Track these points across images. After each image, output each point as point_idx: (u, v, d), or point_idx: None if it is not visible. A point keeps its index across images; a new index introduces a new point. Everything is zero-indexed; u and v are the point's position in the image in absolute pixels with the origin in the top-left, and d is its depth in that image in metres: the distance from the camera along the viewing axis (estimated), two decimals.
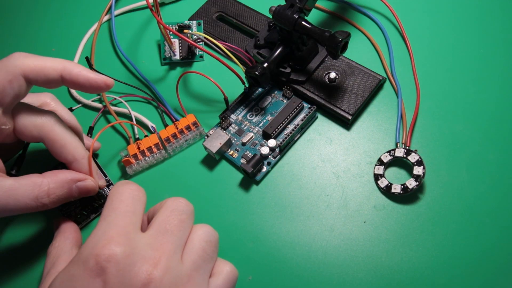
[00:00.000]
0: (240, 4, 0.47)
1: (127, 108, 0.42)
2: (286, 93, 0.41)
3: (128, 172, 0.39)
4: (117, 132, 0.42)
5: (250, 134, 0.40)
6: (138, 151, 0.39)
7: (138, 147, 0.39)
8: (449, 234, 0.35)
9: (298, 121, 0.40)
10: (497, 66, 0.41)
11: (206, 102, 0.43)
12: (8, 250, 0.38)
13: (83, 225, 0.38)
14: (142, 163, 0.39)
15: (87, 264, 0.25)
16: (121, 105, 0.43)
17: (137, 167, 0.39)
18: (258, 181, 0.38)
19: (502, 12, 0.44)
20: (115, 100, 0.43)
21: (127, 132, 0.41)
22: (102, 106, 0.43)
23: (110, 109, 0.42)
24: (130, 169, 0.39)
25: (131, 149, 0.39)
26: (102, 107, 0.43)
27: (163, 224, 0.27)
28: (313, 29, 0.37)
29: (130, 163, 0.39)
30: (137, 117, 0.42)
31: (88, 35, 0.48)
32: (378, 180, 0.37)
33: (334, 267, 0.34)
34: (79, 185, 0.33)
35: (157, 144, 0.39)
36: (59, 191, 0.32)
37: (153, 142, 0.39)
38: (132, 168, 0.39)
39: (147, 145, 0.39)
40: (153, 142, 0.39)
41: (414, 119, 0.39)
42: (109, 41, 0.48)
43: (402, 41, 0.43)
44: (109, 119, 0.43)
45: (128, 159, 0.38)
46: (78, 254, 0.26)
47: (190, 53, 0.45)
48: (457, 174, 0.37)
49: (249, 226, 0.37)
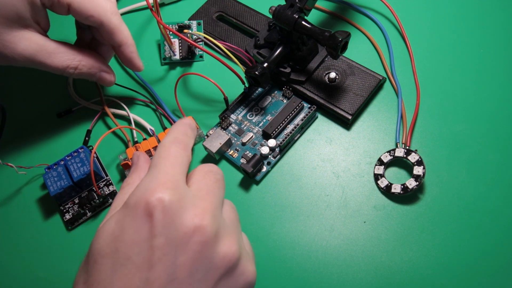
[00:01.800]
0: (240, 4, 0.47)
1: (126, 111, 0.42)
2: (286, 93, 0.41)
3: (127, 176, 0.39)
4: (116, 135, 0.42)
5: (250, 134, 0.40)
6: None
7: (137, 150, 0.39)
8: (449, 234, 0.35)
9: (298, 121, 0.40)
10: (497, 66, 0.41)
11: (206, 102, 0.43)
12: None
13: (80, 222, 0.38)
14: None
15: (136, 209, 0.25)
16: (119, 107, 0.43)
17: None
18: (258, 181, 0.38)
19: (502, 12, 0.44)
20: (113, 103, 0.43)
21: (125, 136, 0.41)
22: (101, 109, 0.43)
23: (108, 112, 0.42)
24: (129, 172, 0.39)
25: (129, 153, 0.39)
26: (100, 109, 0.43)
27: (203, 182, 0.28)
28: (313, 29, 0.37)
29: (129, 166, 0.39)
30: (136, 120, 0.42)
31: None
32: (378, 180, 0.37)
33: (334, 267, 0.34)
34: (102, 74, 0.39)
35: (156, 147, 0.39)
36: (85, 70, 0.38)
37: (152, 145, 0.39)
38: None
39: (146, 148, 0.39)
40: (152, 145, 0.39)
41: (414, 119, 0.39)
42: None
43: (402, 41, 0.43)
44: (107, 120, 0.43)
45: (126, 163, 0.38)
46: (128, 198, 0.26)
47: (190, 53, 0.45)
48: (457, 174, 0.37)
49: (249, 226, 0.37)
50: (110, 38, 0.38)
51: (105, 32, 0.37)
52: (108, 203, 0.39)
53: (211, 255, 0.25)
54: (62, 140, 0.43)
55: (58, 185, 0.37)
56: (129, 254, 0.24)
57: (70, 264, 0.37)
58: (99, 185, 0.39)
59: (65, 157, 0.38)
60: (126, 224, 0.25)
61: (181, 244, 0.25)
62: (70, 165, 0.38)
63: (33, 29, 0.35)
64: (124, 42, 0.38)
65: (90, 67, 0.38)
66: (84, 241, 0.38)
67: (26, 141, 0.43)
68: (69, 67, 0.37)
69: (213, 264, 0.25)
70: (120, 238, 0.25)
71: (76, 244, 0.38)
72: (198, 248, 0.25)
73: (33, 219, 0.39)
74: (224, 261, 0.26)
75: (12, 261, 0.38)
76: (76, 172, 0.37)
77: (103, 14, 0.36)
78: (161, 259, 0.24)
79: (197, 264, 0.25)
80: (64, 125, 0.43)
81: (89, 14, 0.36)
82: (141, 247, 0.24)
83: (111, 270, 0.24)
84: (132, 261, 0.24)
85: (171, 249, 0.24)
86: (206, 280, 0.25)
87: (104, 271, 0.24)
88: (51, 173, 0.38)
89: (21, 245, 0.38)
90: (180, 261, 0.24)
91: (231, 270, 0.26)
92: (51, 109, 0.44)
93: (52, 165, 0.38)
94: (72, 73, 0.37)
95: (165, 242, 0.24)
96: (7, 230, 0.39)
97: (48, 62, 0.36)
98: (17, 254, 0.38)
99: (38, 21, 0.35)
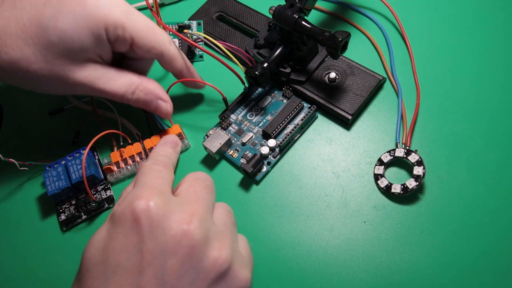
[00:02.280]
0: (240, 4, 0.47)
1: (115, 113, 0.41)
2: (286, 93, 0.41)
3: (109, 179, 0.39)
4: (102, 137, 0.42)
5: (250, 134, 0.40)
6: (120, 159, 0.39)
7: (121, 155, 0.39)
8: (449, 234, 0.35)
9: (298, 121, 0.40)
10: (497, 66, 0.41)
11: (206, 102, 0.43)
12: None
13: (74, 224, 0.38)
14: (124, 171, 0.39)
15: (123, 216, 0.26)
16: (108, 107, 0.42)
17: (119, 175, 0.39)
18: (258, 181, 0.38)
19: (502, 12, 0.44)
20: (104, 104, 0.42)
21: (112, 139, 0.40)
22: (91, 109, 0.42)
23: (98, 114, 0.41)
24: (112, 176, 0.39)
25: (113, 157, 0.39)
26: (90, 109, 0.42)
27: (191, 189, 0.29)
28: (313, 29, 0.37)
29: (111, 170, 0.39)
30: (124, 123, 0.41)
31: None
32: (378, 180, 0.37)
33: (334, 267, 0.34)
34: (159, 103, 0.38)
35: (140, 153, 0.39)
36: (143, 97, 0.36)
37: (136, 151, 0.39)
38: (114, 176, 0.39)
39: (130, 153, 0.39)
40: (136, 151, 0.39)
41: (414, 119, 0.39)
42: None
43: (402, 41, 0.43)
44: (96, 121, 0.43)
45: (109, 167, 0.38)
46: (113, 210, 0.27)
47: (190, 53, 0.45)
48: (457, 174, 0.37)
49: (249, 226, 0.37)
50: (171, 66, 0.38)
51: (165, 62, 0.37)
52: (103, 208, 0.39)
53: (201, 259, 0.25)
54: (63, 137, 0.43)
55: (56, 186, 0.37)
56: (119, 260, 0.25)
57: (63, 265, 0.37)
58: (97, 188, 0.39)
59: (66, 156, 0.38)
60: (114, 232, 0.26)
61: (169, 248, 0.25)
62: (70, 166, 0.37)
63: (96, 61, 0.34)
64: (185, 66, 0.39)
65: (147, 93, 0.37)
66: (76, 243, 0.38)
67: (25, 138, 0.43)
68: (127, 92, 0.36)
69: (203, 268, 0.25)
70: (109, 246, 0.25)
71: (69, 246, 0.38)
72: (187, 251, 0.25)
73: (31, 217, 0.39)
74: (214, 265, 0.26)
75: (7, 257, 0.38)
76: (75, 174, 0.37)
77: (163, 44, 0.36)
78: (150, 263, 0.25)
79: (186, 268, 0.25)
80: (64, 124, 0.43)
81: (151, 46, 0.35)
82: (130, 253, 0.25)
83: (103, 277, 0.25)
84: (123, 267, 0.25)
85: (160, 253, 0.25)
86: (196, 284, 0.25)
87: (96, 279, 0.25)
88: (51, 172, 0.37)
89: (16, 242, 0.38)
90: (169, 265, 0.25)
91: (222, 274, 0.26)
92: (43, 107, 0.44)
93: (53, 163, 0.38)
94: (130, 98, 0.36)
95: (153, 246, 0.25)
96: (5, 226, 0.39)
97: (107, 88, 0.35)
98: (12, 251, 0.38)
99: (101, 55, 0.34)
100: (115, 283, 0.24)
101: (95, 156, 0.40)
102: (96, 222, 0.38)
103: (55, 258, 0.37)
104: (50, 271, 0.37)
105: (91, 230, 0.38)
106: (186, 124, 0.42)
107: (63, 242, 0.38)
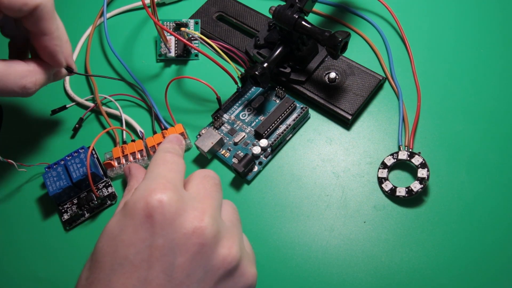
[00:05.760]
0: (240, 4, 0.47)
1: (119, 110, 0.42)
2: (279, 93, 0.41)
3: (109, 175, 0.39)
4: (108, 134, 0.42)
5: (242, 134, 0.40)
6: (121, 155, 0.39)
7: (122, 151, 0.39)
8: (449, 234, 0.35)
9: (290, 121, 0.40)
10: (497, 66, 0.41)
11: (199, 101, 0.43)
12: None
13: (78, 223, 0.38)
14: (124, 167, 0.39)
15: (135, 209, 0.25)
16: (112, 104, 0.43)
17: (119, 170, 0.39)
18: (249, 180, 0.38)
19: (502, 12, 0.44)
20: (106, 99, 0.43)
21: (115, 134, 0.41)
22: (93, 104, 0.42)
23: (102, 110, 0.41)
24: (112, 172, 0.39)
25: (115, 152, 0.39)
26: (92, 105, 0.42)
27: (201, 185, 0.29)
28: (313, 29, 0.37)
29: (111, 166, 0.39)
30: (127, 120, 0.42)
31: (84, 38, 0.48)
32: (382, 183, 0.37)
33: (334, 267, 0.34)
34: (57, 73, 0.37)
35: (142, 151, 0.39)
36: (42, 80, 0.34)
37: (138, 148, 0.39)
38: (114, 171, 0.39)
39: (132, 150, 0.39)
40: (138, 148, 0.39)
41: (416, 121, 0.39)
42: (106, 43, 0.48)
43: (402, 43, 0.43)
44: (100, 119, 0.43)
45: (109, 162, 0.38)
46: (127, 202, 0.26)
47: (185, 51, 0.45)
48: (458, 174, 0.37)
49: (249, 226, 0.36)
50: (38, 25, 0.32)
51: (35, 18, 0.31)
52: (106, 205, 0.39)
53: (210, 257, 0.25)
54: (61, 138, 0.43)
55: (57, 185, 0.37)
56: (126, 254, 0.25)
57: (67, 265, 0.37)
58: (98, 186, 0.39)
59: (65, 157, 0.38)
60: (125, 224, 0.25)
61: (179, 245, 0.25)
62: (70, 165, 0.37)
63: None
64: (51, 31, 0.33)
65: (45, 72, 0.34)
66: (81, 242, 0.38)
67: (25, 139, 0.43)
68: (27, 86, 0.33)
69: (212, 266, 0.25)
70: (118, 238, 0.25)
71: (73, 245, 0.38)
72: (197, 249, 0.25)
73: (32, 218, 0.39)
74: (223, 263, 0.26)
75: (9, 259, 0.37)
76: (75, 173, 0.37)
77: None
78: (159, 259, 0.24)
79: (195, 265, 0.25)
80: (63, 123, 0.43)
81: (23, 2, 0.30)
82: (139, 247, 0.25)
83: (110, 269, 0.25)
84: (130, 261, 0.24)
85: (170, 250, 0.25)
86: (204, 282, 0.25)
87: (104, 270, 0.25)
88: (50, 172, 0.37)
89: (18, 244, 0.38)
90: (178, 262, 0.25)
91: (230, 272, 0.26)
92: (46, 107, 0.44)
93: (52, 164, 0.38)
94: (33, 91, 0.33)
95: (164, 243, 0.25)
96: (5, 228, 0.39)
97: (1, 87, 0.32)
98: (15, 253, 0.38)
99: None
100: (122, 276, 0.24)
101: (94, 155, 0.40)
102: (99, 220, 0.38)
103: (60, 258, 0.37)
104: (56, 271, 0.37)
105: (94, 228, 0.38)
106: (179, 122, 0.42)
107: (67, 242, 0.38)
